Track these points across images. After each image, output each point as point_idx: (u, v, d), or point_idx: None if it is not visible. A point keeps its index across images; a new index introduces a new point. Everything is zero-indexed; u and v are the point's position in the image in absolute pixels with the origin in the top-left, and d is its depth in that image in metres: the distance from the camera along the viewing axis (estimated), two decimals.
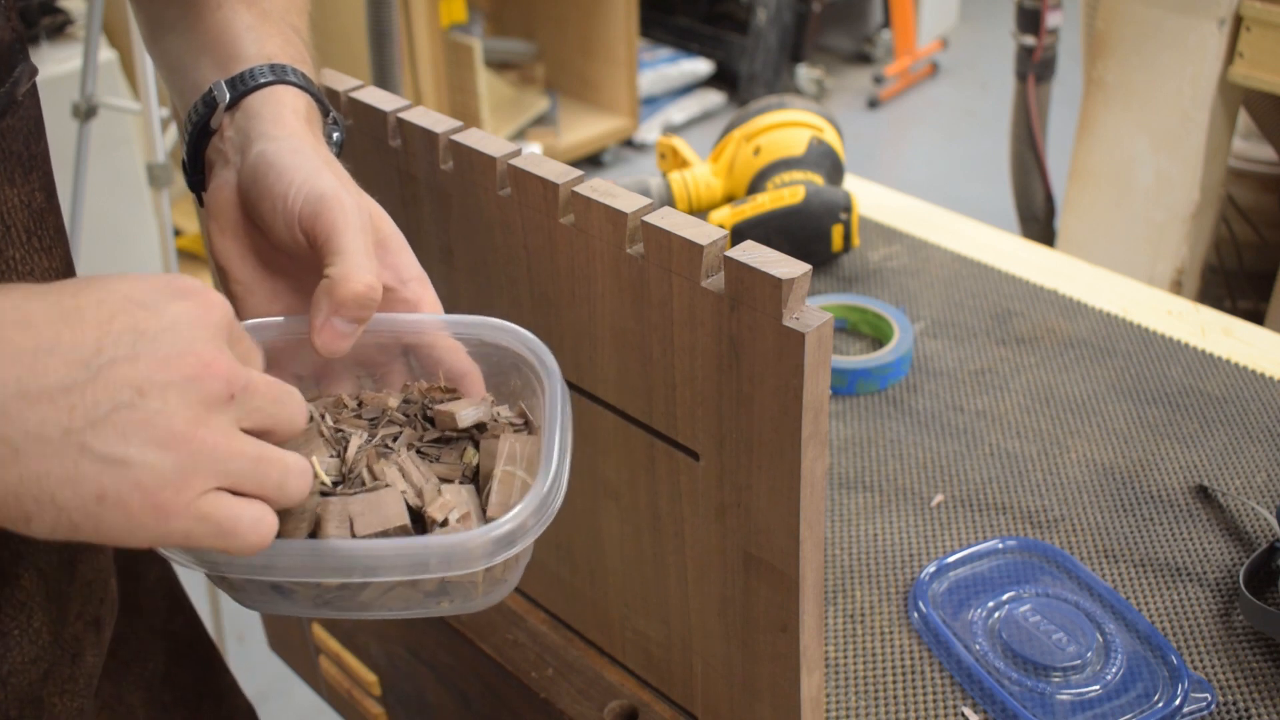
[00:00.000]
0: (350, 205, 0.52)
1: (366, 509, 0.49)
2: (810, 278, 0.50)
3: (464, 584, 0.51)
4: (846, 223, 1.10)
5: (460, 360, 0.56)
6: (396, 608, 0.52)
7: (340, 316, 0.50)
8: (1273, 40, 1.53)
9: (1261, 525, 0.84)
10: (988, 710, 0.72)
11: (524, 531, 0.47)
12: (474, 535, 0.46)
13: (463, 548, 0.46)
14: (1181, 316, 1.07)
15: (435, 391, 0.56)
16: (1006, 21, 2.29)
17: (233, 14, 0.61)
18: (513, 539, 0.47)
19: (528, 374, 0.55)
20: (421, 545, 0.46)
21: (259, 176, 0.53)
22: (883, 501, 0.88)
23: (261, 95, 0.57)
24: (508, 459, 0.52)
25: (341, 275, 0.50)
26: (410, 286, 0.55)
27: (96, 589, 0.65)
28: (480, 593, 0.52)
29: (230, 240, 0.56)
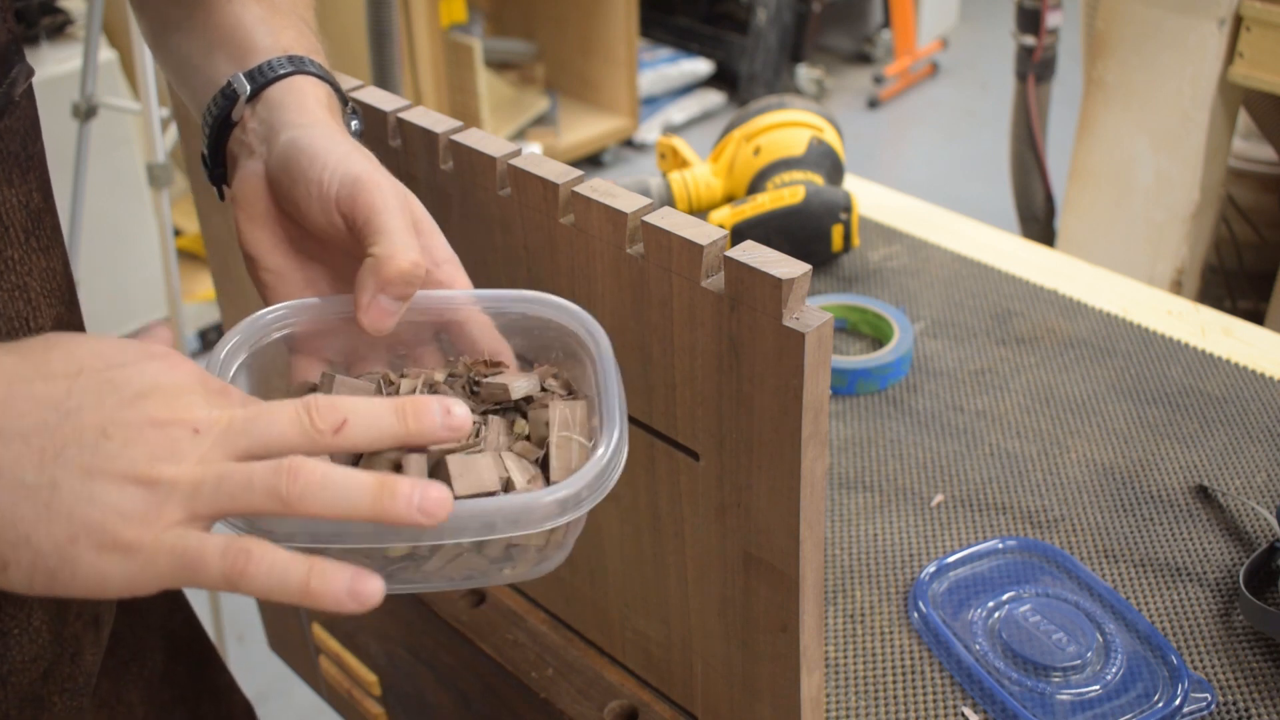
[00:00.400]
0: (387, 186, 0.53)
1: (465, 470, 0.49)
2: (810, 278, 0.50)
3: (527, 548, 0.51)
4: (846, 223, 1.10)
5: (492, 338, 0.56)
6: (458, 577, 0.52)
7: (386, 294, 0.51)
8: (1273, 40, 1.53)
9: (1261, 525, 0.84)
10: (988, 710, 0.72)
11: (591, 492, 0.48)
12: (542, 495, 0.47)
13: (532, 508, 0.46)
14: (1181, 316, 1.07)
15: (480, 366, 0.56)
16: (1006, 21, 2.29)
17: (243, 8, 0.61)
18: (579, 500, 0.47)
19: (572, 345, 0.55)
20: (493, 506, 0.46)
21: (290, 163, 0.54)
22: (883, 501, 0.88)
23: (282, 86, 0.57)
24: (561, 425, 0.52)
25: (386, 254, 0.50)
26: (444, 269, 0.55)
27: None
28: (542, 558, 0.52)
29: (260, 229, 0.56)
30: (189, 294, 2.58)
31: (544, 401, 0.54)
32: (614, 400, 0.51)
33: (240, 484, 0.41)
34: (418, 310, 0.54)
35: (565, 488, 0.47)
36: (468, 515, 0.46)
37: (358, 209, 0.52)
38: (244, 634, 1.95)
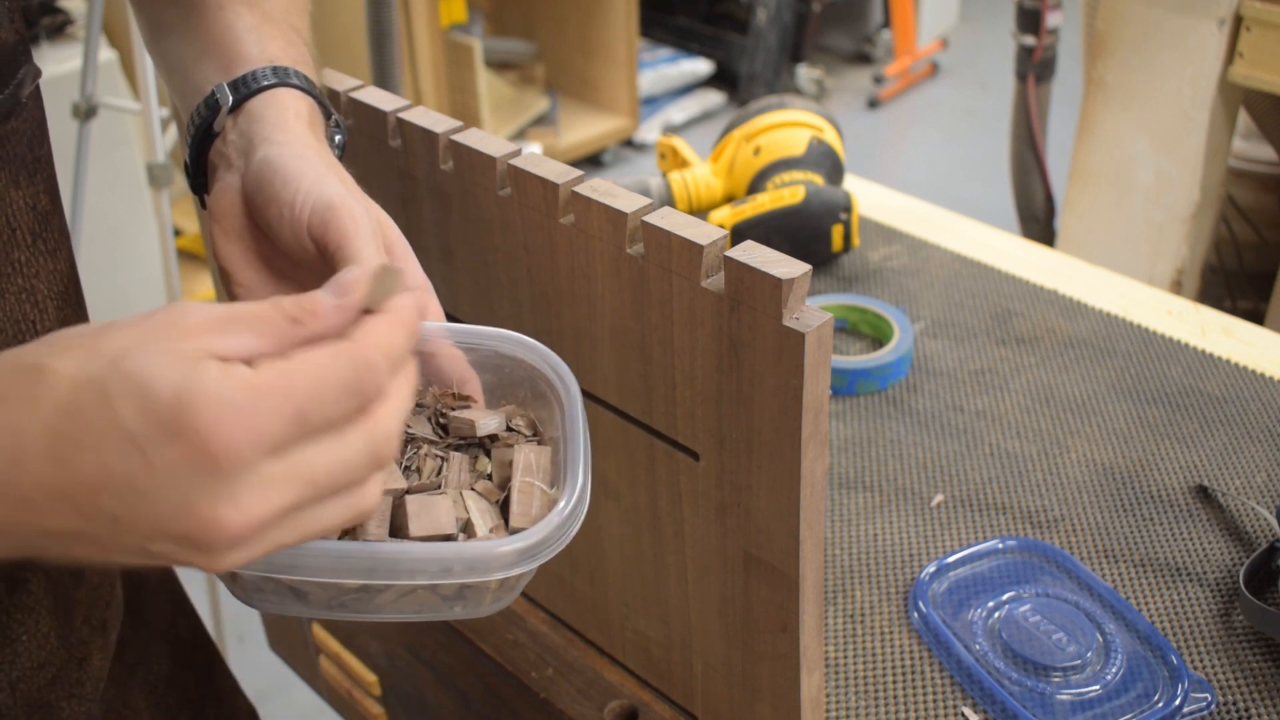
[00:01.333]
0: (360, 212, 0.52)
1: (422, 511, 0.49)
2: (810, 278, 0.50)
3: (482, 590, 0.52)
4: (846, 223, 1.10)
5: (461, 369, 0.56)
6: (409, 611, 0.52)
7: None
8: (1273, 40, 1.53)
9: (1261, 525, 0.84)
10: (988, 710, 0.72)
11: (550, 544, 0.48)
12: (503, 544, 0.47)
13: (490, 555, 0.47)
14: (1181, 316, 1.07)
15: (448, 399, 0.56)
16: (1006, 21, 2.29)
17: (235, 15, 0.61)
18: (538, 550, 0.48)
19: (541, 387, 0.55)
20: (451, 551, 0.47)
21: (264, 182, 0.53)
22: (883, 501, 0.88)
23: (264, 98, 0.57)
24: (524, 470, 0.52)
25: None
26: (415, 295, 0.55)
27: (103, 592, 0.65)
28: (492, 600, 0.52)
29: (234, 244, 0.55)
30: (189, 294, 2.58)
31: (509, 441, 0.54)
32: (579, 449, 0.51)
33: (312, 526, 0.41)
34: None
35: (525, 538, 0.47)
36: (426, 558, 0.46)
37: (329, 234, 0.51)
38: (244, 634, 1.95)
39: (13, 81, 0.54)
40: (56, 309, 0.58)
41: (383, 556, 0.46)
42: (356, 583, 0.49)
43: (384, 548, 0.47)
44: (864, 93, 3.96)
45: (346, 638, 0.95)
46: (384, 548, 0.47)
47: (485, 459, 0.54)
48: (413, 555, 0.46)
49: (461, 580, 0.48)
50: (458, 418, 0.55)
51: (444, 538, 0.49)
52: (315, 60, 0.63)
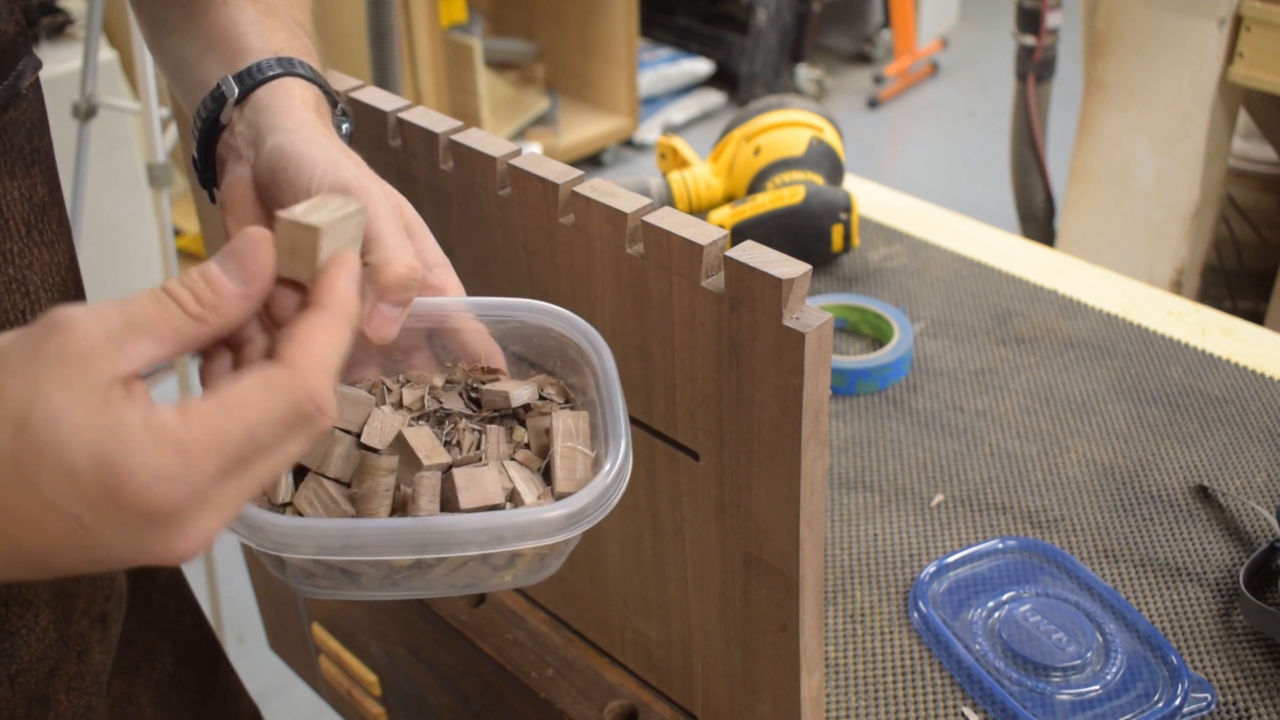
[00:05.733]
0: (378, 192, 0.52)
1: (469, 483, 0.49)
2: (810, 278, 0.50)
3: (529, 556, 0.52)
4: (846, 223, 1.10)
5: (485, 343, 0.56)
6: (460, 583, 0.52)
7: (386, 301, 0.50)
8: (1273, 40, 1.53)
9: (1261, 525, 0.84)
10: (988, 710, 0.72)
11: (599, 505, 0.48)
12: (553, 509, 0.47)
13: (541, 521, 0.47)
14: (1181, 316, 1.07)
15: (477, 373, 0.56)
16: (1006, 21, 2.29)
17: (237, 10, 0.61)
18: (587, 514, 0.48)
19: (570, 353, 0.55)
20: (503, 520, 0.47)
21: (277, 170, 0.53)
22: (883, 501, 0.88)
23: (270, 88, 0.57)
24: (565, 435, 0.52)
25: (383, 261, 0.50)
26: (436, 272, 0.55)
27: (103, 585, 0.65)
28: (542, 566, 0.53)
29: None
30: None
31: (543, 410, 0.54)
32: (618, 412, 0.51)
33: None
34: (414, 316, 0.54)
35: (574, 502, 0.47)
36: (476, 528, 0.46)
37: None
38: (244, 634, 1.95)
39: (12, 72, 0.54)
40: (51, 301, 0.58)
41: (436, 530, 0.46)
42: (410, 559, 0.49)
43: (436, 521, 0.47)
44: (864, 93, 3.96)
45: (346, 637, 0.95)
46: (436, 521, 0.47)
47: (521, 429, 0.54)
48: (465, 527, 0.46)
49: (514, 548, 0.48)
50: (490, 390, 0.54)
51: (492, 508, 0.49)
52: (320, 52, 0.63)
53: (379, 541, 0.46)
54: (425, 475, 0.50)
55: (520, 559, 0.52)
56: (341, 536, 0.46)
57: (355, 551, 0.46)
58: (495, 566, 0.52)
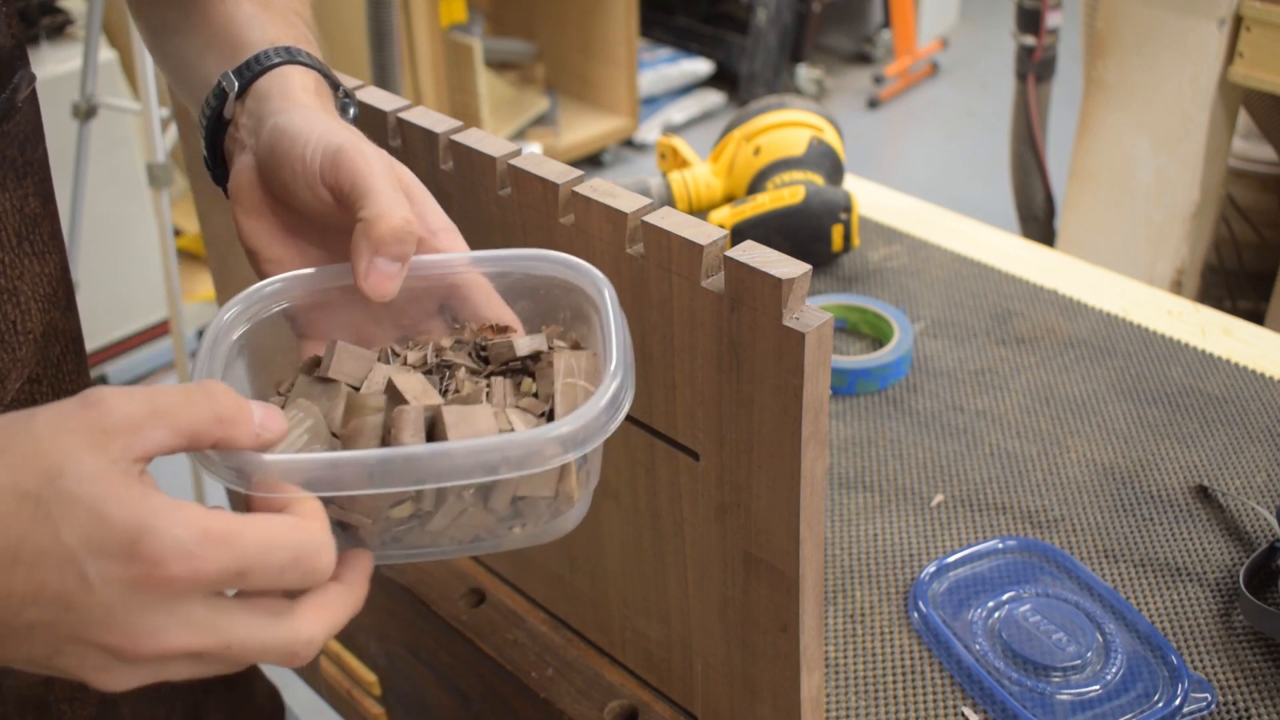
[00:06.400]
0: (370, 151, 0.52)
1: (460, 420, 0.47)
2: (810, 278, 0.50)
3: (535, 502, 0.50)
4: (846, 223, 1.10)
5: (497, 304, 0.55)
6: (466, 540, 0.50)
7: (382, 256, 0.50)
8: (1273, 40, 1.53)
9: (1261, 525, 0.84)
10: (988, 710, 0.72)
11: (595, 430, 0.46)
12: (545, 430, 0.45)
13: (535, 444, 0.45)
14: (1181, 316, 1.07)
15: (486, 332, 0.55)
16: (1006, 21, 2.29)
17: (235, 7, 0.61)
18: (582, 437, 0.46)
19: (579, 303, 0.54)
20: (493, 444, 0.45)
21: (275, 148, 0.53)
22: (883, 501, 0.88)
23: (269, 77, 0.57)
24: (566, 374, 0.51)
25: (375, 214, 0.50)
26: (440, 236, 0.55)
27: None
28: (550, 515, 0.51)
29: (256, 220, 0.55)
30: (189, 294, 2.58)
31: (551, 359, 0.53)
32: (616, 340, 0.49)
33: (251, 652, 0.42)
34: (419, 278, 0.53)
35: (568, 423, 0.45)
36: (464, 455, 0.45)
37: (341, 177, 0.51)
38: None
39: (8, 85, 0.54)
40: (41, 311, 0.58)
41: (421, 456, 0.45)
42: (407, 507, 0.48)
43: (421, 448, 0.45)
44: (864, 93, 3.96)
45: (346, 638, 0.95)
46: (421, 448, 0.45)
47: (529, 381, 0.53)
48: (453, 452, 0.44)
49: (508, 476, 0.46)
50: (496, 343, 0.53)
51: None
52: (320, 42, 0.63)
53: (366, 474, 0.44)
54: (407, 409, 0.48)
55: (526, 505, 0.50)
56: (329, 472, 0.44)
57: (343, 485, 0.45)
58: (500, 516, 0.50)
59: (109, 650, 0.40)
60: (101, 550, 0.38)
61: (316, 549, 0.43)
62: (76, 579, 0.38)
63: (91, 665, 0.41)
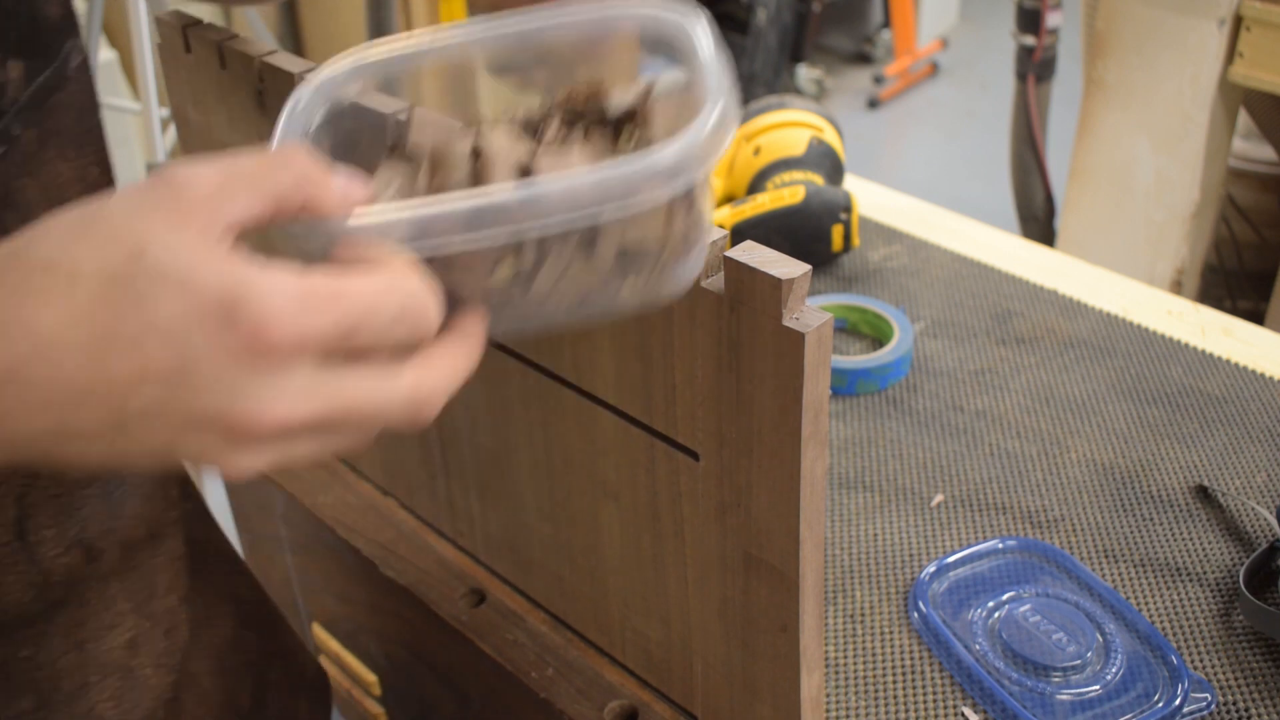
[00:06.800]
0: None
1: (553, 164, 0.45)
2: (810, 278, 0.50)
3: (643, 255, 0.46)
4: (846, 223, 1.10)
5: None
6: (574, 302, 0.47)
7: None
8: (1273, 40, 1.53)
9: (1261, 525, 0.84)
10: (988, 710, 0.72)
11: (699, 155, 0.42)
12: (646, 161, 0.42)
13: (636, 177, 0.41)
14: (1181, 316, 1.07)
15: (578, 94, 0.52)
16: (1006, 21, 2.29)
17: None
18: (687, 164, 0.42)
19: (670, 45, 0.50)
20: (590, 180, 0.41)
21: None
22: (883, 501, 0.88)
23: None
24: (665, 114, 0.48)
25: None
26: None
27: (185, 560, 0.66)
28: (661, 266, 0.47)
29: None
30: None
31: (648, 108, 0.49)
32: (715, 68, 0.46)
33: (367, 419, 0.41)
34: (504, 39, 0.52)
35: (669, 152, 0.42)
36: (560, 195, 0.41)
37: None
38: None
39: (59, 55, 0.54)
40: None
41: (514, 200, 0.41)
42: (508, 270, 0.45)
43: (513, 192, 0.42)
44: (864, 93, 3.96)
45: (346, 638, 0.95)
46: (513, 192, 0.42)
47: (627, 135, 0.49)
48: (548, 194, 0.41)
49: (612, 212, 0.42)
50: (591, 100, 0.50)
51: None
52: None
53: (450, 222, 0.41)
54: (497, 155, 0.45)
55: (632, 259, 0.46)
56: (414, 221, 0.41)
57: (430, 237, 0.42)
58: (608, 274, 0.46)
59: (226, 429, 0.38)
60: (199, 322, 0.37)
61: (422, 298, 0.41)
62: (178, 354, 0.37)
63: (212, 449, 0.39)
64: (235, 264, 0.37)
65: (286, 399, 0.38)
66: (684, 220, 0.46)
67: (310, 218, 0.42)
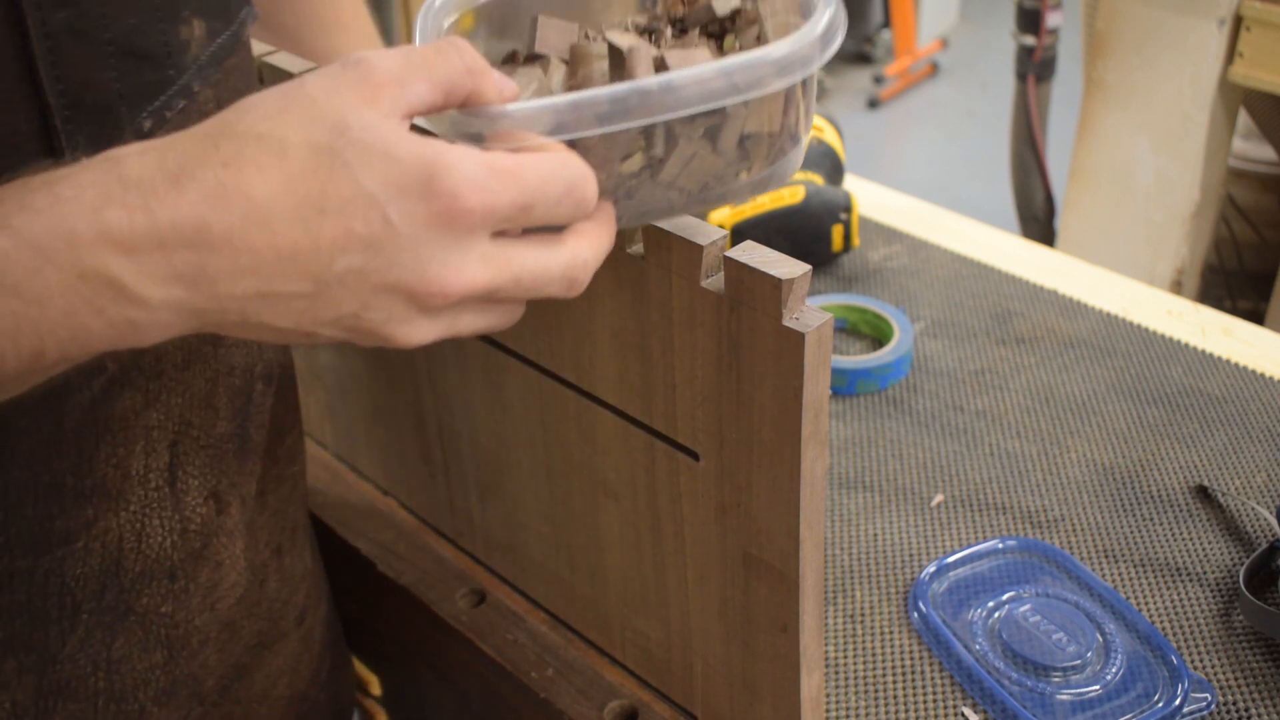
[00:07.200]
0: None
1: (683, 60, 0.48)
2: (810, 278, 0.50)
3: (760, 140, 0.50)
4: (846, 223, 1.10)
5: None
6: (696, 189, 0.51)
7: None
8: (1273, 40, 1.53)
9: (1261, 525, 0.84)
10: (988, 710, 0.72)
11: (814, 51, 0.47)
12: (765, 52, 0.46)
13: (759, 66, 0.45)
14: (1181, 316, 1.07)
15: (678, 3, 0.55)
16: (1006, 21, 2.29)
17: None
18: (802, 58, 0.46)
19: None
20: (719, 68, 0.45)
21: None
22: (883, 501, 0.88)
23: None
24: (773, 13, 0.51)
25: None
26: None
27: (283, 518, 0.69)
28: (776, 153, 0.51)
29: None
30: None
31: (752, 15, 0.53)
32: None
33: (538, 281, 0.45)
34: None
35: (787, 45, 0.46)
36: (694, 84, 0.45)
37: None
38: None
39: (236, 19, 0.56)
40: None
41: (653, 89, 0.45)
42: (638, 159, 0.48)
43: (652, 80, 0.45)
44: (864, 93, 3.96)
45: (346, 637, 0.95)
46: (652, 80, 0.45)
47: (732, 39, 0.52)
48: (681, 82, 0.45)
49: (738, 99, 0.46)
50: (696, 8, 0.53)
51: None
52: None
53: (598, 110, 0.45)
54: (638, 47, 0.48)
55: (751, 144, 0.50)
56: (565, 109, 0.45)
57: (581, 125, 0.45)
58: (728, 159, 0.50)
59: (413, 295, 0.42)
60: (401, 190, 0.40)
61: (585, 178, 0.45)
62: (381, 221, 0.40)
63: (396, 317, 0.43)
64: (429, 139, 0.41)
65: (470, 266, 0.42)
66: (796, 112, 0.50)
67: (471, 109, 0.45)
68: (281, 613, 0.70)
